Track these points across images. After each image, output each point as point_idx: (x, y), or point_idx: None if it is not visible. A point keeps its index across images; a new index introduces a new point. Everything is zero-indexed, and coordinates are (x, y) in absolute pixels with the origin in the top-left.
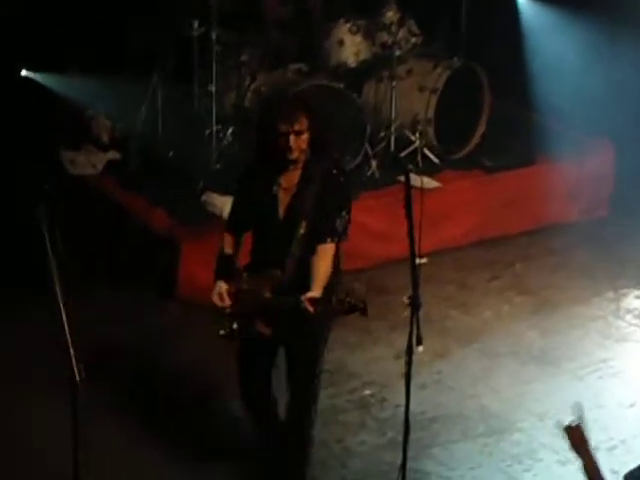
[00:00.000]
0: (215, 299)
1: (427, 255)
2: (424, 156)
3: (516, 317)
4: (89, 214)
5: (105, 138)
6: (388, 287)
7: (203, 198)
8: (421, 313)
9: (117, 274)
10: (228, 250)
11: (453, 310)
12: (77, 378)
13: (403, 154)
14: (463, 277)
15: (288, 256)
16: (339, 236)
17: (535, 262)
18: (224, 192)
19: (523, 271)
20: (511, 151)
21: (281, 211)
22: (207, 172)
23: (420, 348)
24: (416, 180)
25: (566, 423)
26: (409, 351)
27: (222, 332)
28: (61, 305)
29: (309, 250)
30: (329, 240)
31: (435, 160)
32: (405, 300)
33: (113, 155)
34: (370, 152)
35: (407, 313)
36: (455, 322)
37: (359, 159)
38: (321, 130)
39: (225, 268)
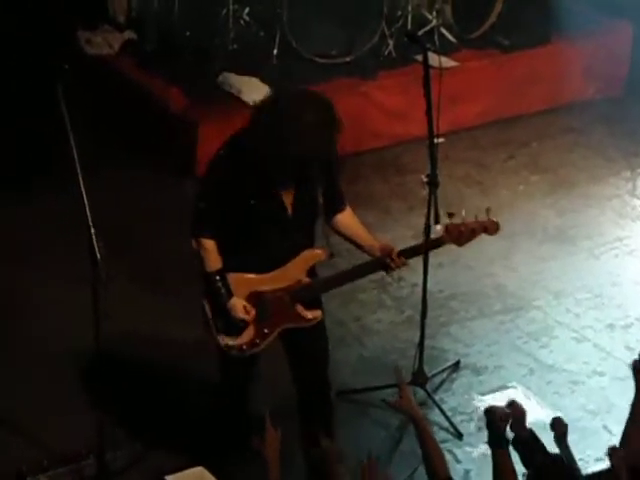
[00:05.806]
0: (241, 314)
1: (444, 135)
2: (441, 35)
3: (532, 196)
4: (106, 94)
5: (122, 18)
6: (405, 166)
7: (220, 78)
8: (438, 192)
9: (134, 154)
10: (217, 264)
11: (469, 189)
12: (97, 256)
13: (420, 33)
14: (479, 156)
15: (324, 237)
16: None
17: (551, 141)
18: (240, 72)
19: (539, 150)
20: (528, 30)
21: (288, 205)
22: (224, 52)
23: (438, 227)
24: (434, 59)
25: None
26: (427, 230)
27: (245, 347)
28: (81, 184)
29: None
30: (346, 205)
31: (452, 39)
32: (423, 179)
33: (130, 35)
34: (387, 31)
35: (425, 192)
36: (471, 201)
37: (376, 38)
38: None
39: (226, 285)
